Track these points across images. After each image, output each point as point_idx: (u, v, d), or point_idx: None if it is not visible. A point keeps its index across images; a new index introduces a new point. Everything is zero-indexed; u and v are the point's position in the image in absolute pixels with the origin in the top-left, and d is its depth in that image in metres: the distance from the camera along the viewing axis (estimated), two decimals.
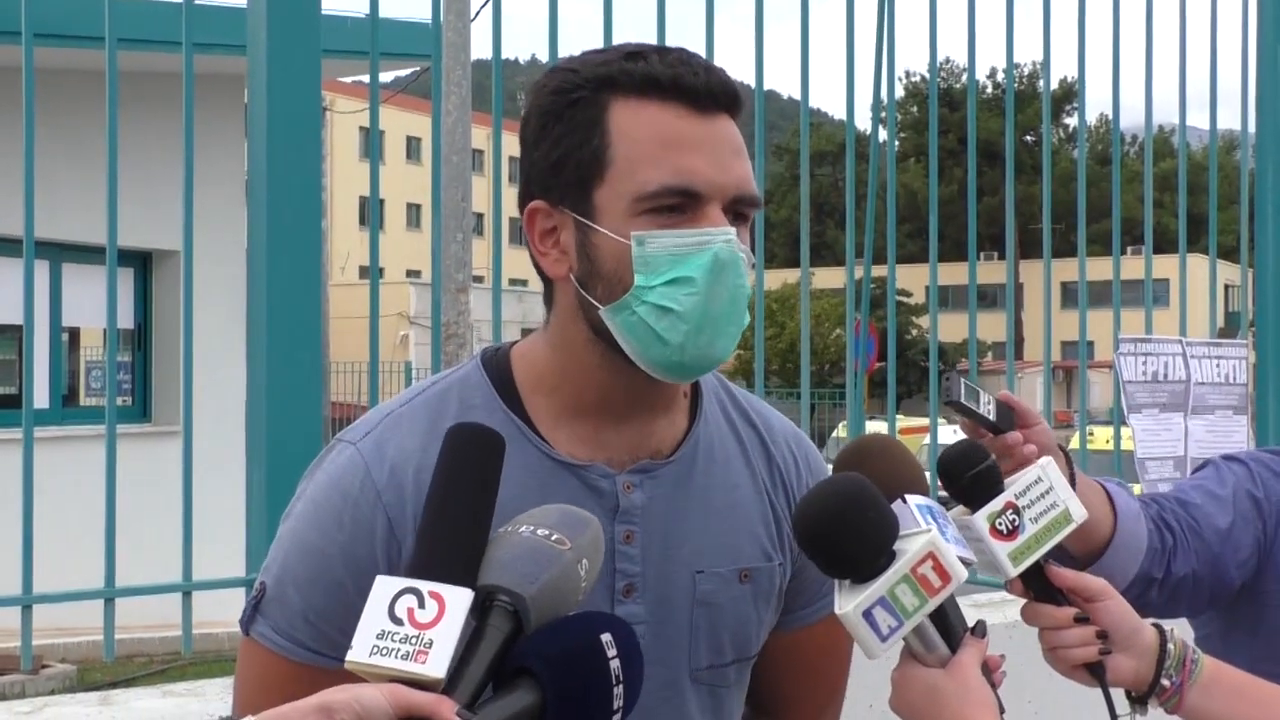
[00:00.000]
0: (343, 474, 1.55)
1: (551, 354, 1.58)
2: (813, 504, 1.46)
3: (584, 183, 1.50)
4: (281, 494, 3.04)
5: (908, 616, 1.42)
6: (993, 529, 1.59)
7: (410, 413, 1.58)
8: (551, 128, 1.52)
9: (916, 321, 43.11)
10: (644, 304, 1.48)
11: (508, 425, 1.55)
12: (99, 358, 12.27)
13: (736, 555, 1.63)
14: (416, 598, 1.23)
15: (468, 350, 11.93)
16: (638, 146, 1.48)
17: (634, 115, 1.49)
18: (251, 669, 1.55)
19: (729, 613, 1.62)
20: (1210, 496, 2.13)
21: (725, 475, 1.65)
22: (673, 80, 1.49)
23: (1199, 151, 5.63)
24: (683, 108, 1.49)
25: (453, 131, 11.68)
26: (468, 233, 12.02)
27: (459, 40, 11.98)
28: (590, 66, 1.53)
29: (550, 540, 1.29)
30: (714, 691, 1.64)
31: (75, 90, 8.54)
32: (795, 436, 1.75)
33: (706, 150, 1.49)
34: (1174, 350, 4.34)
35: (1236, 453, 2.29)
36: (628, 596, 1.57)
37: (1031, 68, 54.67)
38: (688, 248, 1.47)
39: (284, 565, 1.55)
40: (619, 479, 1.57)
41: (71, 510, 6.29)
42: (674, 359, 1.49)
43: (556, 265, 1.54)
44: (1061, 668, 1.73)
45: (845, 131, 4.26)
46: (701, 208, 1.48)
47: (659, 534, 1.58)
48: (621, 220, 1.48)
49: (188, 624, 3.14)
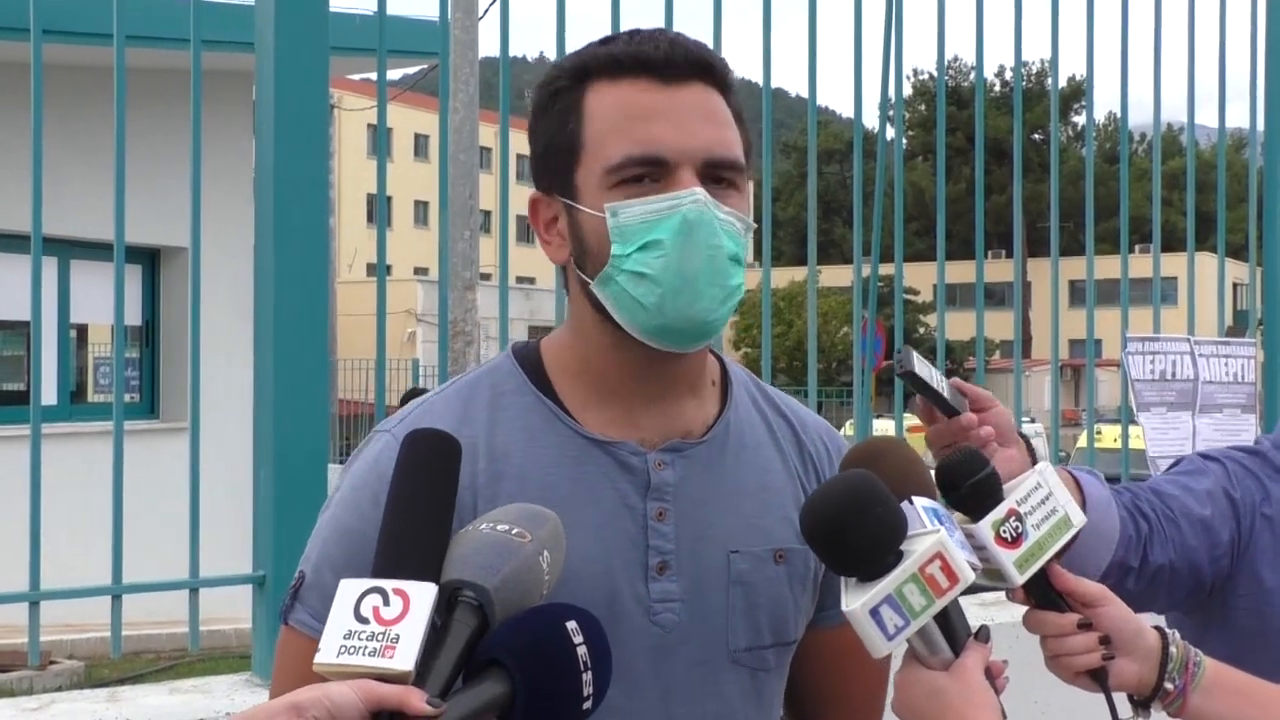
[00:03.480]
0: (377, 458, 1.58)
1: (573, 339, 1.63)
2: (822, 499, 1.46)
3: (566, 167, 1.56)
4: (289, 490, 3.06)
5: (915, 616, 1.42)
6: (998, 536, 1.59)
7: (443, 400, 1.62)
8: (539, 121, 1.60)
9: (924, 320, 43.04)
10: (622, 272, 1.52)
11: (539, 407, 1.59)
12: (107, 354, 12.29)
13: (770, 536, 1.64)
14: (381, 596, 1.26)
15: (475, 347, 11.93)
16: (605, 123, 1.54)
17: (604, 95, 1.55)
18: (290, 656, 1.57)
19: (765, 593, 1.63)
20: (1187, 490, 2.12)
21: (756, 459, 1.67)
22: (633, 56, 1.55)
23: (1208, 149, 5.63)
24: (647, 81, 1.54)
25: (460, 129, 11.68)
26: (475, 230, 12.02)
27: (466, 38, 11.98)
28: (570, 59, 1.60)
29: (511, 534, 1.32)
30: (754, 675, 1.65)
31: (83, 86, 8.56)
32: (827, 430, 1.77)
33: (671, 118, 1.53)
34: (1182, 349, 4.33)
35: (1211, 451, 2.27)
36: (661, 574, 1.57)
37: (1040, 66, 54.61)
38: (657, 213, 1.51)
39: (322, 551, 1.57)
40: (650, 456, 1.59)
41: (79, 507, 6.29)
42: (655, 322, 1.52)
43: (558, 251, 1.60)
44: (1065, 674, 1.72)
45: (853, 129, 4.26)
46: (671, 174, 1.52)
47: (691, 513, 1.59)
48: (597, 196, 1.53)
49: (195, 621, 3.15)
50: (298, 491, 3.06)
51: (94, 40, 8.07)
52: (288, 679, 1.56)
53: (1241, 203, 5.30)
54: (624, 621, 1.54)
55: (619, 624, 1.51)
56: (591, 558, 1.53)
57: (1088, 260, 4.53)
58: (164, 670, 9.26)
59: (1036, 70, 51.98)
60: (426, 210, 54.46)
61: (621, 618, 1.54)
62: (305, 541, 1.63)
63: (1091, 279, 4.54)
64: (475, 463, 1.54)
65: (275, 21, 3.06)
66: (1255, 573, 2.12)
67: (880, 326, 7.94)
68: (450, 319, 10.70)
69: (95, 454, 4.66)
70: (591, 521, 1.55)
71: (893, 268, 4.40)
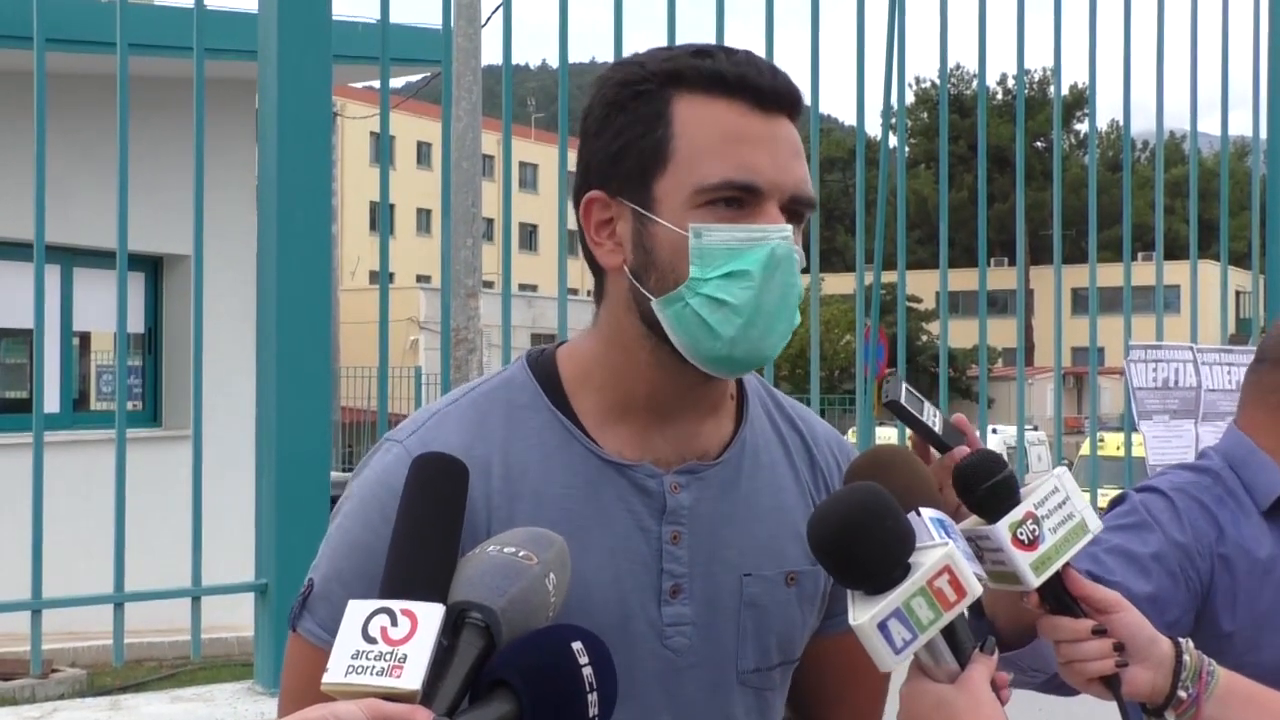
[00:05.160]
0: (387, 470, 1.55)
1: (602, 350, 1.59)
2: (830, 513, 1.45)
3: (644, 173, 1.51)
4: (291, 498, 3.06)
5: (923, 630, 1.41)
6: (1014, 538, 1.58)
7: (457, 411, 1.59)
8: (614, 118, 1.53)
9: (926, 327, 43.00)
10: (698, 295, 1.48)
11: (554, 424, 1.56)
12: (109, 362, 12.29)
13: (782, 559, 1.63)
14: (389, 616, 1.26)
15: (478, 355, 11.93)
16: (701, 140, 1.49)
17: (699, 110, 1.50)
18: (298, 665, 1.57)
19: (776, 616, 1.62)
20: (1129, 560, 2.07)
21: (771, 479, 1.65)
22: (739, 78, 1.50)
23: (1210, 157, 5.63)
24: (747, 106, 1.50)
25: (463, 137, 11.69)
26: (477, 238, 12.03)
27: (469, 46, 11.99)
28: (656, 61, 1.54)
29: (517, 556, 1.32)
30: (760, 695, 1.64)
31: (87, 95, 8.57)
32: (837, 441, 1.75)
33: (769, 148, 1.50)
34: (1185, 357, 4.32)
35: (1156, 481, 2.21)
36: (675, 597, 1.57)
37: (1042, 73, 54.64)
38: (744, 242, 1.48)
39: (331, 562, 1.56)
40: (666, 479, 1.57)
41: (82, 514, 6.30)
42: (724, 353, 1.49)
43: (611, 256, 1.54)
44: (1077, 681, 1.70)
45: (855, 137, 4.26)
46: (760, 204, 1.49)
47: (706, 536, 1.58)
48: (680, 212, 1.49)
49: (197, 629, 3.14)
50: (300, 500, 3.06)
51: (97, 49, 8.09)
52: (295, 685, 1.57)
53: (1244, 210, 5.31)
54: (636, 645, 1.53)
55: (631, 648, 1.51)
56: (605, 581, 1.52)
57: (1090, 268, 4.53)
58: (166, 678, 9.27)
59: (1039, 78, 52.02)
60: (429, 218, 54.49)
61: (634, 641, 1.53)
62: (307, 550, 1.63)
63: (1094, 287, 4.54)
64: (490, 481, 1.53)
65: (278, 30, 3.06)
66: (1214, 619, 2.10)
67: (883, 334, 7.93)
68: (453, 327, 10.70)
69: (97, 462, 4.67)
70: (606, 545, 1.54)
71: (895, 275, 4.40)
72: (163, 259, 11.59)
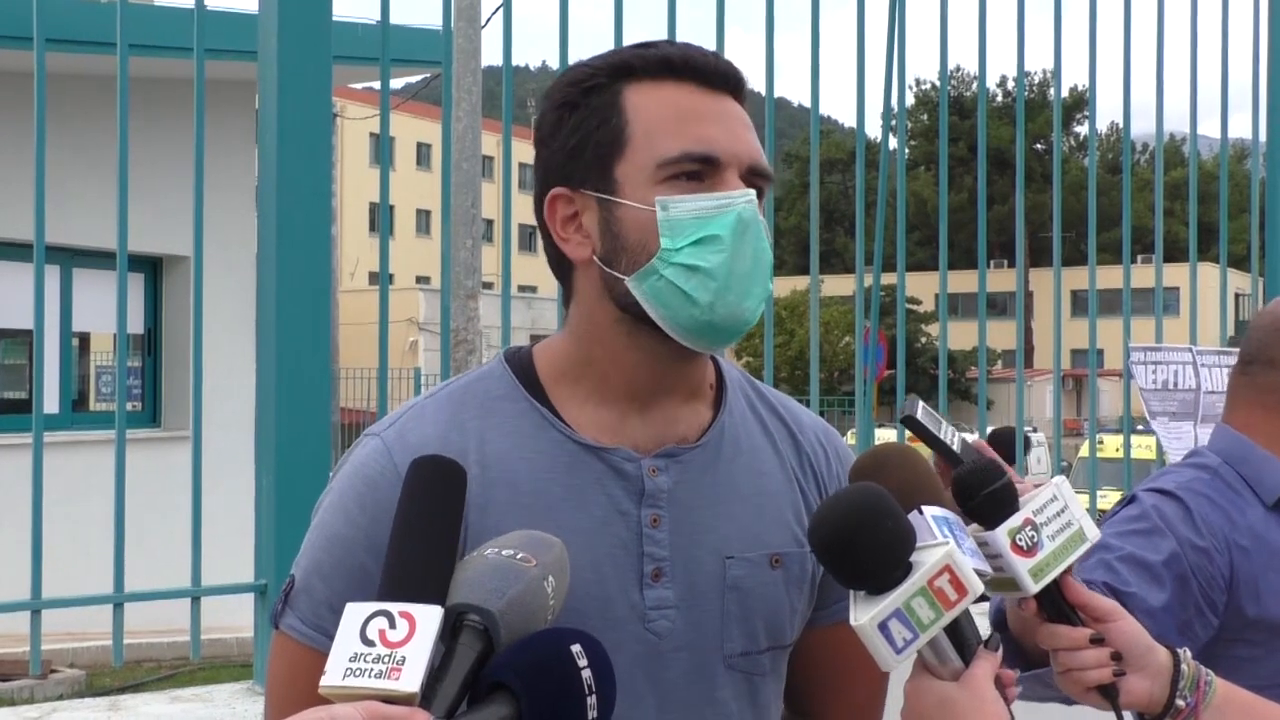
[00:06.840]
0: (365, 462, 1.58)
1: (574, 345, 1.61)
2: (830, 514, 1.45)
3: (604, 160, 1.54)
4: (291, 499, 3.06)
5: (923, 629, 1.41)
6: (1013, 544, 1.58)
7: (434, 404, 1.61)
8: (568, 118, 1.57)
9: (926, 329, 43.02)
10: (671, 265, 1.51)
11: (531, 412, 1.58)
12: (109, 363, 12.30)
13: (766, 541, 1.63)
14: (387, 619, 1.26)
15: (477, 356, 11.93)
16: (655, 120, 1.54)
17: (649, 94, 1.55)
18: (281, 661, 1.57)
19: (761, 598, 1.62)
20: (1142, 569, 2.07)
21: (752, 463, 1.65)
22: (684, 60, 1.56)
23: (1210, 160, 5.63)
24: (694, 86, 1.56)
25: (463, 138, 11.69)
26: (477, 239, 12.03)
27: (469, 47, 11.99)
28: (602, 59, 1.59)
29: (516, 559, 1.32)
30: (749, 680, 1.64)
31: (86, 95, 8.58)
32: (824, 430, 1.76)
33: (721, 122, 1.55)
34: (1184, 359, 4.33)
35: (1161, 482, 2.21)
36: (656, 580, 1.57)
37: (1042, 76, 54.68)
38: (711, 210, 1.51)
39: (311, 556, 1.57)
40: (644, 463, 1.58)
41: (81, 515, 6.30)
42: (703, 319, 1.51)
43: (579, 249, 1.57)
44: (1075, 690, 1.70)
45: (855, 139, 4.26)
46: (720, 174, 1.53)
47: (686, 519, 1.59)
48: (644, 189, 1.52)
49: (196, 629, 3.14)
50: (300, 500, 3.06)
51: (97, 49, 8.09)
52: (281, 683, 1.57)
53: (1243, 213, 5.32)
54: (618, 629, 1.54)
55: (613, 631, 1.51)
56: (583, 565, 1.52)
57: (1090, 270, 4.53)
58: (165, 679, 9.27)
59: (1039, 80, 52.05)
60: (429, 219, 54.52)
61: (615, 625, 1.53)
62: None
63: (1093, 289, 4.55)
64: (467, 469, 1.53)
65: (278, 31, 3.06)
66: (1239, 607, 2.11)
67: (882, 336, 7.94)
68: (452, 328, 10.70)
69: (97, 462, 4.67)
70: (584, 528, 1.54)
71: (894, 277, 4.40)
72: (162, 260, 11.59)
